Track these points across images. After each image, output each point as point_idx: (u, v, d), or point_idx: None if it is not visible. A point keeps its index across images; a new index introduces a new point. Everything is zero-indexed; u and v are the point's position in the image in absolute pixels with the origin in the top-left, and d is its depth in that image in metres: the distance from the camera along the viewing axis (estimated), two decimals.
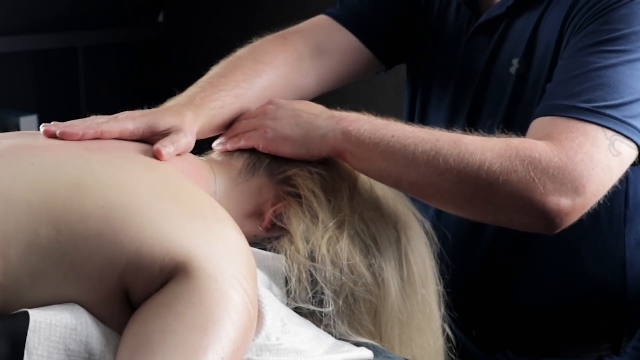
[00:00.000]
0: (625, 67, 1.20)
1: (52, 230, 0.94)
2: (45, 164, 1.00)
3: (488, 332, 1.45)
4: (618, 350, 1.45)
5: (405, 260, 1.18)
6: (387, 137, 1.15)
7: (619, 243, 1.40)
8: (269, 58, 1.39)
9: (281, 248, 1.14)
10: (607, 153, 1.15)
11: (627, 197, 1.39)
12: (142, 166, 1.06)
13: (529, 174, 1.11)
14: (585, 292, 1.41)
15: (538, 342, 1.46)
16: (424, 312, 1.19)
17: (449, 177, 1.13)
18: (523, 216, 1.13)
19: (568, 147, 1.14)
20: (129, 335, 0.92)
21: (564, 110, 1.18)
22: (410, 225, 1.21)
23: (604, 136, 1.16)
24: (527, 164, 1.12)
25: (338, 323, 1.13)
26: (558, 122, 1.18)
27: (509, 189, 1.11)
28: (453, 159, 1.13)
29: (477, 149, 1.13)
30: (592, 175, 1.13)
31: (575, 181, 1.12)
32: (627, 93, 1.18)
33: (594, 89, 1.19)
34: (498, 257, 1.43)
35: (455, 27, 1.47)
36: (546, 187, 1.11)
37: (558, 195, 1.12)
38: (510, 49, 1.38)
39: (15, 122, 3.27)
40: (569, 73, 1.23)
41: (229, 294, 0.93)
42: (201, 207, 1.02)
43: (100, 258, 0.94)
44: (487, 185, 1.12)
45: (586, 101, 1.18)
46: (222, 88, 1.31)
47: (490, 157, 1.13)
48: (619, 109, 1.17)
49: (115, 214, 0.95)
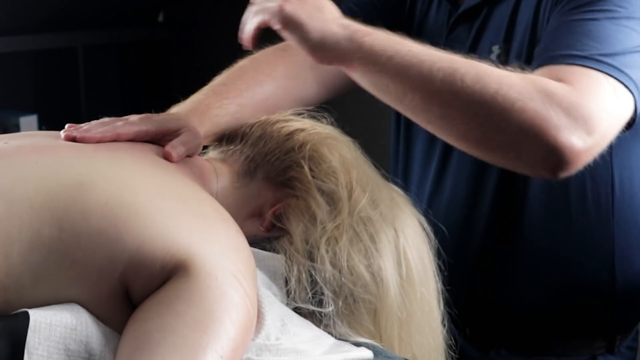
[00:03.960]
0: (609, 22, 1.20)
1: (54, 229, 0.94)
2: (49, 163, 1.01)
3: (481, 331, 1.45)
4: (612, 349, 1.45)
5: (403, 259, 1.18)
6: (403, 51, 1.13)
7: (607, 234, 1.40)
8: (269, 69, 1.41)
9: (281, 248, 1.14)
10: (611, 98, 1.15)
11: (613, 183, 1.39)
12: (146, 165, 1.07)
13: (545, 105, 1.09)
14: (574, 286, 1.41)
15: (531, 339, 1.46)
16: (423, 310, 1.19)
17: (463, 96, 1.10)
18: (534, 150, 1.10)
19: (579, 87, 1.13)
20: (129, 334, 0.92)
21: (564, 58, 1.18)
22: (408, 223, 1.21)
23: (606, 82, 1.15)
24: (543, 95, 1.10)
25: (338, 323, 1.13)
26: (562, 68, 1.17)
27: (525, 116, 1.09)
28: (470, 79, 1.10)
29: (494, 73, 1.12)
30: (602, 117, 1.12)
31: (588, 120, 1.10)
32: (617, 45, 1.18)
33: (585, 40, 1.19)
34: (488, 252, 1.43)
35: (436, 26, 1.48)
36: (560, 121, 1.09)
37: (571, 131, 1.09)
38: (491, 36, 1.39)
39: (15, 122, 3.27)
40: (557, 32, 1.24)
41: (228, 293, 0.94)
42: (203, 206, 1.03)
43: (102, 256, 0.94)
44: (502, 110, 1.09)
45: (582, 50, 1.18)
46: (226, 96, 1.32)
47: (508, 82, 1.11)
48: (613, 57, 1.17)
49: (117, 212, 0.95)
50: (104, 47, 3.71)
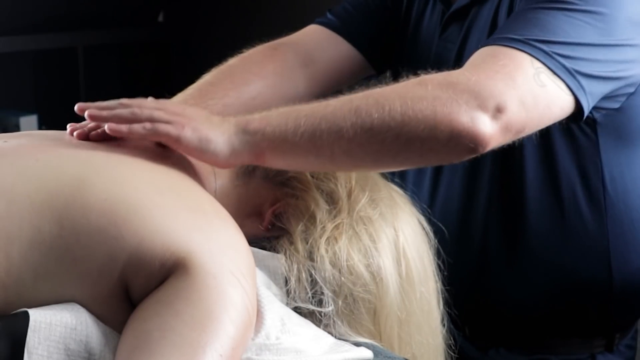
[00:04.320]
0: (562, 13, 1.21)
1: (55, 227, 0.94)
2: (49, 161, 1.01)
3: (480, 330, 1.45)
4: (611, 348, 1.45)
5: (403, 258, 1.18)
6: (300, 119, 1.10)
7: (601, 232, 1.40)
8: (258, 68, 1.41)
9: (280, 248, 1.14)
10: (530, 80, 1.15)
11: (604, 180, 1.39)
12: (145, 163, 1.07)
13: (451, 96, 1.10)
14: (571, 284, 1.41)
15: (530, 338, 1.46)
16: (422, 309, 1.19)
17: (377, 129, 1.09)
18: (458, 139, 1.10)
19: (488, 68, 1.14)
20: (129, 333, 0.92)
21: (501, 40, 1.19)
22: (408, 222, 1.21)
23: (530, 64, 1.16)
24: (445, 88, 1.10)
25: (337, 323, 1.13)
26: (485, 51, 1.19)
27: (438, 117, 1.09)
28: (375, 110, 1.09)
29: (393, 92, 1.12)
30: (514, 94, 1.12)
31: (497, 97, 1.11)
32: (560, 35, 1.19)
33: (529, 27, 1.19)
34: (486, 253, 1.43)
35: (431, 25, 1.49)
36: (469, 104, 1.09)
37: (482, 110, 1.10)
38: (478, 35, 1.40)
39: (15, 122, 3.27)
40: (510, 20, 1.25)
41: (227, 291, 0.94)
42: (202, 203, 1.03)
43: (102, 254, 0.94)
44: (417, 121, 1.09)
45: (520, 34, 1.18)
46: (211, 97, 1.33)
47: (410, 94, 1.10)
48: (550, 45, 1.17)
49: (117, 209, 0.95)
50: (104, 47, 3.71)
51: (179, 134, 1.07)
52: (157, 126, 1.08)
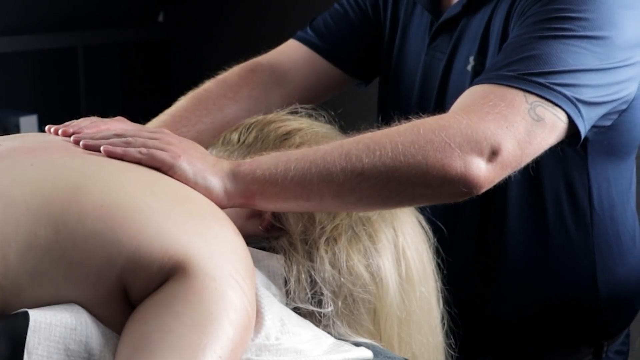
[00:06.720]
0: (559, 42, 1.19)
1: (51, 231, 0.94)
2: (44, 165, 1.01)
3: (468, 340, 1.45)
4: (600, 355, 1.45)
5: (403, 258, 1.18)
6: (290, 163, 1.10)
7: (587, 246, 1.39)
8: (233, 93, 1.44)
9: (280, 248, 1.14)
10: (525, 116, 1.14)
11: (591, 196, 1.38)
12: (142, 167, 1.07)
13: (443, 140, 1.09)
14: (556, 298, 1.41)
15: (517, 348, 1.45)
16: (422, 308, 1.19)
17: (368, 174, 1.09)
18: (451, 184, 1.10)
19: (479, 109, 1.13)
20: (128, 335, 0.92)
21: (486, 80, 1.18)
22: (407, 222, 1.21)
23: (523, 100, 1.15)
24: (437, 132, 1.10)
25: (337, 323, 1.13)
26: (475, 90, 1.18)
27: (430, 162, 1.09)
28: (365, 155, 1.09)
29: (384, 137, 1.11)
30: (507, 134, 1.11)
31: (490, 138, 1.10)
32: (559, 65, 1.18)
33: (522, 60, 1.18)
34: (469, 266, 1.43)
35: (419, 35, 1.48)
36: (463, 148, 1.09)
37: (476, 154, 1.09)
38: (468, 46, 1.39)
39: (15, 122, 3.27)
40: (505, 49, 1.23)
41: (227, 293, 0.94)
42: (200, 207, 1.03)
43: (98, 257, 0.94)
44: (409, 166, 1.09)
45: (511, 70, 1.17)
46: (185, 124, 1.36)
47: (401, 139, 1.10)
48: (546, 76, 1.16)
49: (114, 214, 0.95)
50: (104, 47, 3.71)
51: (174, 162, 1.07)
52: (153, 152, 1.07)
